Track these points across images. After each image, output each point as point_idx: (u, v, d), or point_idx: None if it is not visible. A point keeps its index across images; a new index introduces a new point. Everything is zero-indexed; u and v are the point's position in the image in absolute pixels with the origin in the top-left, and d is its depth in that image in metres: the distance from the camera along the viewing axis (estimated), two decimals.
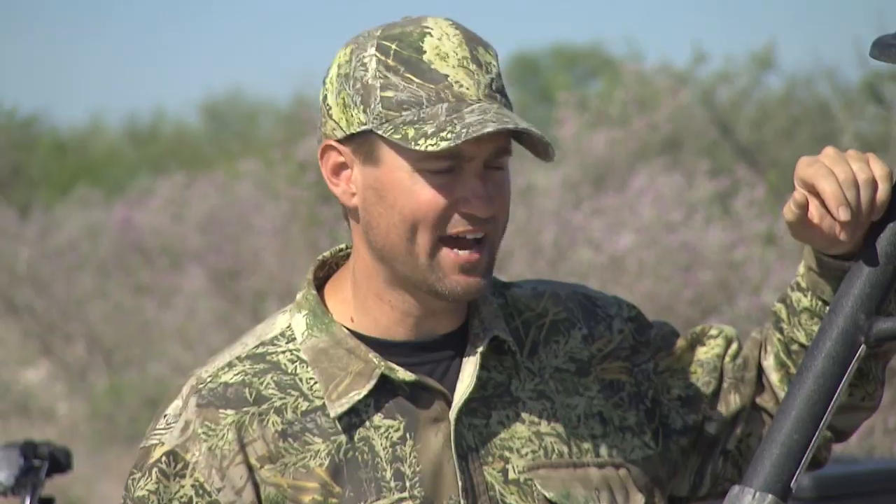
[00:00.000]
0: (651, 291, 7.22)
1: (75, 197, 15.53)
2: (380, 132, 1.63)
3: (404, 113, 1.63)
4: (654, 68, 10.26)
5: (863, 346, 1.61)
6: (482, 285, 1.69)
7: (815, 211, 1.59)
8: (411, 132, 1.61)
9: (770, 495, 1.59)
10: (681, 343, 1.83)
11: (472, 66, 1.66)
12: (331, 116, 1.69)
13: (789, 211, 1.58)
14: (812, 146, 7.80)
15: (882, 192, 1.58)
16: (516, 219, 7.49)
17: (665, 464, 1.81)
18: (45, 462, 3.59)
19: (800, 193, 1.58)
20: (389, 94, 1.65)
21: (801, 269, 1.73)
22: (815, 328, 1.69)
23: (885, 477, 3.87)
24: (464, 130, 1.58)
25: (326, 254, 1.81)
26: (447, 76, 1.64)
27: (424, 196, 1.64)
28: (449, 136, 1.59)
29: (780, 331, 1.76)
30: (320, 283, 1.79)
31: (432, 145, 1.60)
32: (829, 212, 1.57)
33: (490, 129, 1.59)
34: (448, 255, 1.64)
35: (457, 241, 1.66)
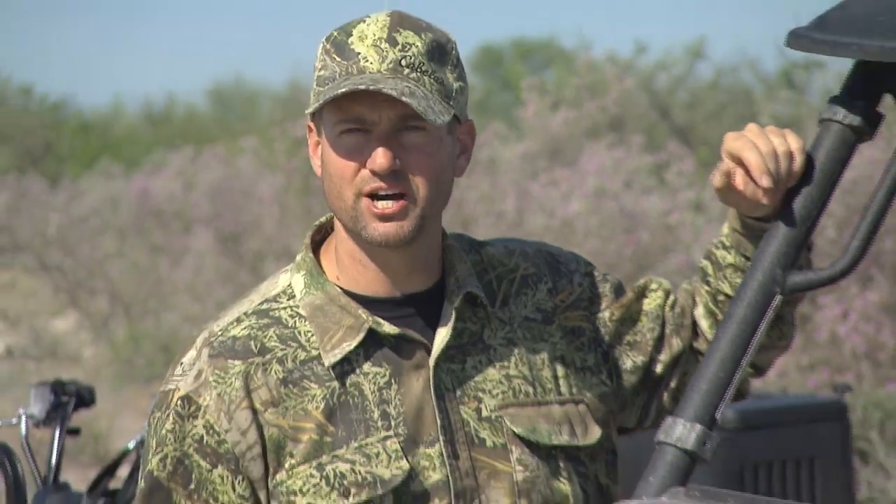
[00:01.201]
0: (596, 250, 7.78)
1: (98, 169, 16.89)
2: (309, 109, 1.81)
3: (325, 87, 1.78)
4: (602, 58, 11.13)
5: (779, 297, 1.76)
6: (402, 233, 1.80)
7: (740, 179, 1.72)
8: (322, 98, 1.76)
9: (699, 425, 1.74)
10: (629, 295, 1.97)
11: (384, 45, 1.78)
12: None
13: (718, 179, 1.73)
14: (736, 126, 7.76)
15: (798, 162, 1.72)
16: (480, 188, 8.60)
17: (617, 399, 1.96)
18: (72, 398, 3.90)
19: (727, 164, 1.72)
20: (321, 73, 1.81)
21: (726, 229, 1.88)
22: (738, 281, 1.82)
23: (795, 410, 4.27)
24: (329, 94, 1.74)
25: (322, 219, 1.94)
26: (359, 54, 1.77)
27: (341, 157, 1.79)
28: (318, 100, 1.77)
29: (707, 283, 1.93)
30: (316, 246, 1.93)
31: (310, 110, 1.80)
32: (752, 179, 1.71)
33: (342, 90, 1.74)
34: (367, 204, 1.78)
35: (376, 196, 1.79)
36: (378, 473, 1.84)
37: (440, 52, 1.83)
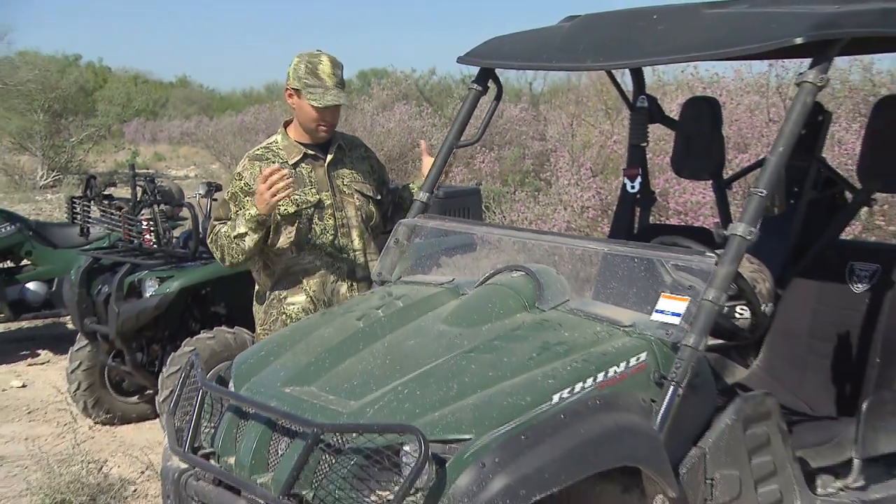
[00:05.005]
0: (398, 141, 12.90)
1: (226, 114, 29.84)
2: (303, 92, 3.56)
3: (309, 88, 3.56)
4: (400, 74, 18.04)
5: (455, 149, 3.48)
6: (327, 137, 3.68)
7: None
8: (310, 97, 3.56)
9: (427, 193, 3.50)
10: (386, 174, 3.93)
11: (333, 74, 3.56)
12: (289, 80, 3.59)
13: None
14: (450, 98, 15.94)
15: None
16: (358, 118, 14.20)
17: (389, 194, 3.84)
18: (214, 187, 5.95)
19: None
20: (307, 80, 3.55)
21: None
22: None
23: (464, 191, 6.29)
24: (324, 100, 3.56)
25: (287, 119, 3.74)
26: (324, 80, 3.56)
27: (316, 113, 3.59)
28: (321, 102, 3.56)
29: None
30: (285, 126, 3.71)
31: (317, 104, 3.56)
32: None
33: (325, 104, 3.56)
34: (320, 128, 3.64)
35: (324, 129, 3.65)
36: (308, 198, 3.61)
37: (343, 72, 3.60)
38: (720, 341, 3.14)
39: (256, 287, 3.78)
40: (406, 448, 2.23)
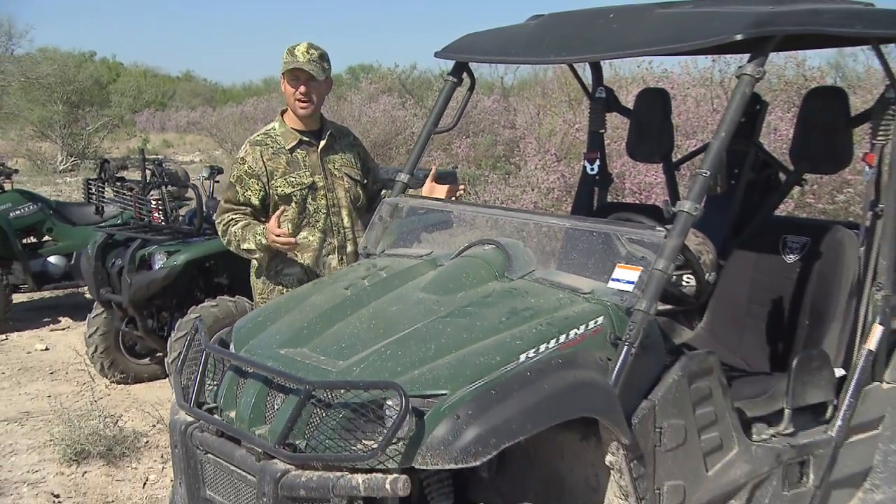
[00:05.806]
0: (383, 129, 12.57)
1: (227, 105, 27.53)
2: (282, 70, 3.49)
3: (284, 64, 3.46)
4: (385, 70, 17.09)
5: (432, 135, 3.43)
6: (307, 112, 3.56)
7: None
8: (283, 67, 3.47)
9: (408, 175, 3.42)
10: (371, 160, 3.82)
11: (306, 52, 3.47)
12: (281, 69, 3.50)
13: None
14: (428, 87, 15.50)
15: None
16: (348, 108, 13.86)
17: (365, 177, 3.72)
18: (216, 170, 6.37)
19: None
20: (286, 60, 3.47)
21: None
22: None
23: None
24: (290, 66, 3.46)
25: (283, 108, 3.64)
26: (297, 56, 3.47)
27: (290, 87, 3.52)
28: (286, 67, 3.47)
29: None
30: (282, 114, 3.62)
31: (284, 69, 3.48)
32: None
33: (292, 67, 3.48)
34: (297, 103, 3.54)
35: (300, 101, 3.52)
36: (303, 181, 3.54)
37: (322, 56, 3.52)
38: (669, 306, 3.15)
39: (253, 262, 3.73)
40: (389, 402, 2.23)
